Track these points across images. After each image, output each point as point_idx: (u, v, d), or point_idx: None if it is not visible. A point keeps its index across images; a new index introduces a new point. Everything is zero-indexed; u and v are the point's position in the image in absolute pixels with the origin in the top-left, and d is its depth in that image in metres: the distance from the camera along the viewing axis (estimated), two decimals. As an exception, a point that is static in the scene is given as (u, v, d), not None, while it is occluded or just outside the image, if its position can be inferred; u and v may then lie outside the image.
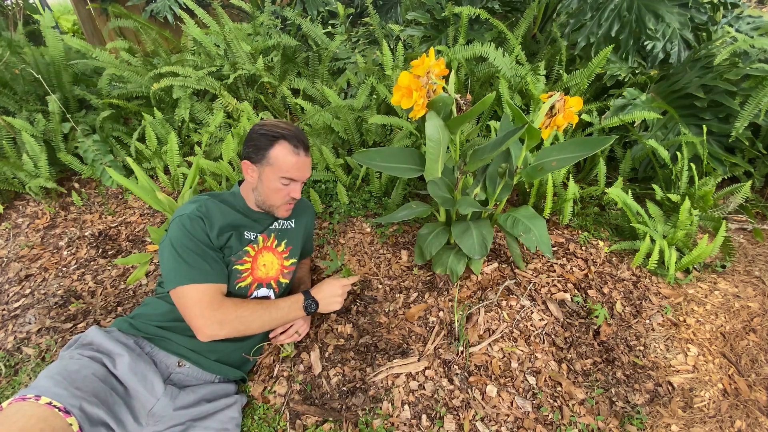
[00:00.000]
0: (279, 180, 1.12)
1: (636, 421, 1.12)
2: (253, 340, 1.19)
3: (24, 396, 0.83)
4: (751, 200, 1.80)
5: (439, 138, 1.16)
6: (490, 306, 1.40)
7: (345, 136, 1.95)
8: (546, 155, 1.21)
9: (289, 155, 1.10)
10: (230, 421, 1.06)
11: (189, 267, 1.02)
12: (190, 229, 1.05)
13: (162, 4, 3.07)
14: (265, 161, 1.11)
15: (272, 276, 1.22)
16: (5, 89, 2.17)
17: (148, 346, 1.07)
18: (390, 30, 2.47)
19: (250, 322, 1.04)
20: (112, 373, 0.98)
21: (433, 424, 1.12)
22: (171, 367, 1.06)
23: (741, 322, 1.37)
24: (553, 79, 1.96)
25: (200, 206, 1.11)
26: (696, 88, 1.74)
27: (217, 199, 1.17)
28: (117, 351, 1.00)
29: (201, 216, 1.08)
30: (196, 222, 1.07)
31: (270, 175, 1.12)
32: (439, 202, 1.23)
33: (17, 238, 1.90)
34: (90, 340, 1.03)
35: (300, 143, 1.12)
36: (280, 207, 1.19)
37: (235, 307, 1.03)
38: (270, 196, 1.16)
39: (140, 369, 1.00)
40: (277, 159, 1.10)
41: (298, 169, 1.12)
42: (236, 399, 1.12)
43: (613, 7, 1.75)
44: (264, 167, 1.12)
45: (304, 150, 1.13)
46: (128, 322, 1.10)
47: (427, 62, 1.07)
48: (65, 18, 4.86)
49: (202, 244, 1.06)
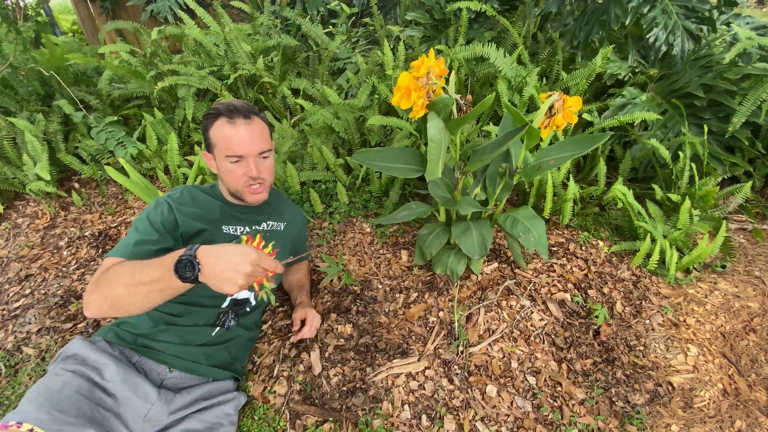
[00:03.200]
0: (226, 160, 1.02)
1: (636, 421, 1.12)
2: (238, 340, 1.15)
3: (6, 424, 0.80)
4: (751, 200, 1.80)
5: (440, 139, 1.16)
6: (490, 306, 1.40)
7: (345, 136, 1.95)
8: (544, 155, 1.21)
9: (225, 129, 1.01)
10: (225, 417, 1.04)
11: (121, 242, 0.96)
12: (149, 213, 1.00)
13: (162, 4, 3.07)
14: (212, 144, 1.04)
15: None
16: (6, 89, 2.17)
17: (135, 356, 1.03)
18: (390, 30, 2.47)
19: (115, 285, 0.81)
20: (100, 385, 0.95)
21: (433, 424, 1.12)
22: (162, 373, 1.04)
23: (741, 322, 1.37)
24: (553, 78, 1.96)
25: (174, 192, 1.07)
26: (696, 88, 1.74)
27: (199, 190, 1.13)
28: (103, 361, 0.97)
29: (169, 201, 1.03)
30: (160, 206, 1.02)
31: (219, 157, 1.04)
32: (439, 202, 1.23)
33: (17, 238, 1.90)
34: (74, 352, 0.99)
35: (236, 112, 1.01)
36: (244, 191, 1.08)
37: (107, 272, 0.85)
38: (228, 181, 1.07)
39: (129, 377, 0.97)
40: (216, 137, 1.02)
41: (240, 143, 1.01)
42: (234, 396, 1.10)
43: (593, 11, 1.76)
44: (213, 152, 1.05)
45: (243, 118, 1.01)
46: (113, 332, 1.06)
47: (427, 63, 1.07)
48: (65, 18, 4.86)
49: (151, 226, 0.98)
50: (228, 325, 1.11)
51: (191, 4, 2.34)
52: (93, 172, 2.06)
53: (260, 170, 1.05)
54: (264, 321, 1.41)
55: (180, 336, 1.05)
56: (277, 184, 1.86)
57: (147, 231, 0.97)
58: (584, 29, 1.76)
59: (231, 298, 1.11)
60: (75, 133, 2.13)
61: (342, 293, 1.48)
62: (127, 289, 0.79)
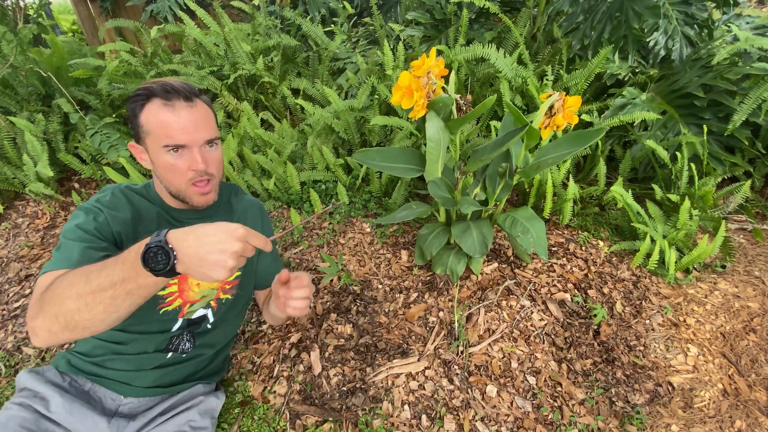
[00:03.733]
0: (164, 151, 0.83)
1: (636, 421, 1.12)
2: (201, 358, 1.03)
3: None
4: (751, 200, 1.80)
5: (439, 138, 1.16)
6: (490, 306, 1.40)
7: (345, 136, 1.95)
8: (543, 154, 1.22)
9: (161, 113, 0.81)
10: (186, 424, 0.96)
11: (57, 256, 0.78)
12: (78, 223, 0.83)
13: (162, 4, 3.07)
14: (142, 132, 0.84)
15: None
16: (6, 89, 2.17)
17: (89, 383, 0.96)
18: (390, 30, 2.47)
19: (65, 300, 0.64)
20: (46, 416, 0.88)
21: (433, 424, 1.12)
22: (117, 399, 0.96)
23: (741, 322, 1.37)
24: (553, 78, 1.97)
25: (103, 195, 0.90)
26: (696, 88, 1.74)
27: (132, 191, 0.95)
28: (48, 393, 0.90)
29: (98, 207, 0.87)
30: (91, 213, 0.85)
31: (154, 148, 0.84)
32: (439, 202, 1.23)
33: (17, 238, 1.90)
34: (23, 386, 0.93)
35: (174, 93, 0.82)
36: (188, 191, 0.88)
37: (50, 288, 0.68)
38: (168, 178, 0.87)
39: (75, 408, 0.90)
40: (149, 123, 0.82)
41: (181, 129, 0.81)
42: (200, 400, 1.02)
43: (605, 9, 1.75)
44: (145, 141, 0.85)
45: (184, 100, 0.83)
46: (66, 359, 0.99)
47: (427, 63, 1.07)
48: (65, 18, 4.86)
49: (86, 234, 0.82)
50: (182, 349, 0.98)
51: (191, 4, 2.34)
52: (93, 172, 2.06)
53: (208, 163, 0.86)
54: (264, 321, 1.41)
55: (130, 363, 0.95)
56: (277, 184, 1.86)
57: (84, 238, 0.80)
58: (596, 28, 1.75)
59: (183, 319, 0.98)
60: (75, 133, 2.13)
61: (342, 293, 1.48)
62: (82, 301, 0.62)
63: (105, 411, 0.95)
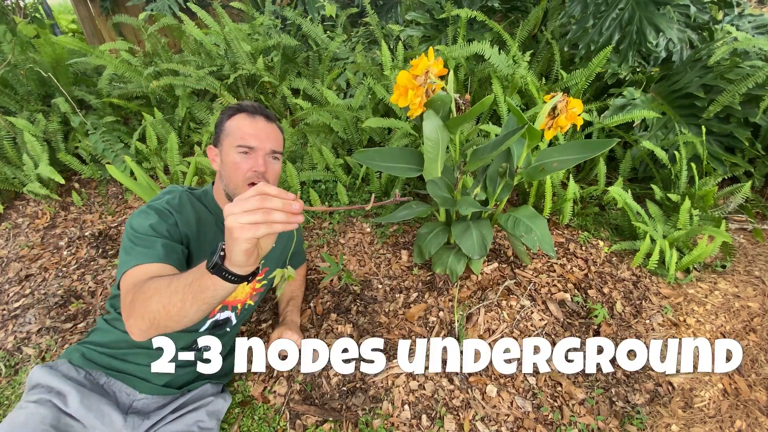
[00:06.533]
0: (235, 150, 0.98)
1: (636, 421, 1.12)
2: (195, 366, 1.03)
3: None
4: (751, 200, 1.80)
5: (437, 138, 1.15)
6: (490, 306, 1.40)
7: (345, 135, 1.95)
8: (547, 156, 1.21)
9: (243, 121, 1.01)
10: (194, 424, 0.99)
11: (139, 250, 0.85)
12: (154, 222, 0.91)
13: (162, 3, 3.06)
14: (223, 135, 1.02)
15: (240, 299, 1.10)
16: (6, 89, 2.17)
17: (104, 377, 0.99)
18: (390, 30, 2.47)
19: (149, 302, 0.73)
20: (65, 411, 0.90)
21: (433, 424, 1.12)
22: (132, 395, 0.99)
23: (741, 322, 1.36)
24: (553, 78, 1.96)
25: (173, 198, 0.99)
26: (696, 88, 1.74)
27: (194, 197, 1.06)
28: (64, 389, 0.92)
29: (170, 210, 0.95)
30: (163, 215, 0.93)
31: (227, 149, 1.00)
32: (438, 202, 1.23)
33: (17, 238, 1.90)
34: (36, 382, 0.95)
35: (258, 111, 1.03)
36: (242, 190, 0.97)
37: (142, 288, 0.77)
38: (231, 175, 0.99)
39: (93, 404, 0.92)
40: (231, 127, 1.01)
41: (255, 136, 1.00)
42: (210, 401, 1.05)
43: (614, 16, 1.75)
44: (222, 143, 1.02)
45: (263, 117, 1.03)
46: (80, 352, 1.01)
47: (425, 61, 1.07)
48: (65, 18, 4.86)
49: (163, 233, 0.91)
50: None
51: (191, 4, 2.34)
52: (93, 172, 2.06)
53: (267, 168, 1.01)
54: (264, 320, 1.41)
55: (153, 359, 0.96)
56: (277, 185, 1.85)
57: (163, 235, 0.89)
58: (604, 34, 1.75)
59: (211, 320, 1.04)
60: (75, 132, 2.13)
61: (342, 293, 1.48)
62: (161, 303, 0.70)
63: (120, 406, 0.97)
